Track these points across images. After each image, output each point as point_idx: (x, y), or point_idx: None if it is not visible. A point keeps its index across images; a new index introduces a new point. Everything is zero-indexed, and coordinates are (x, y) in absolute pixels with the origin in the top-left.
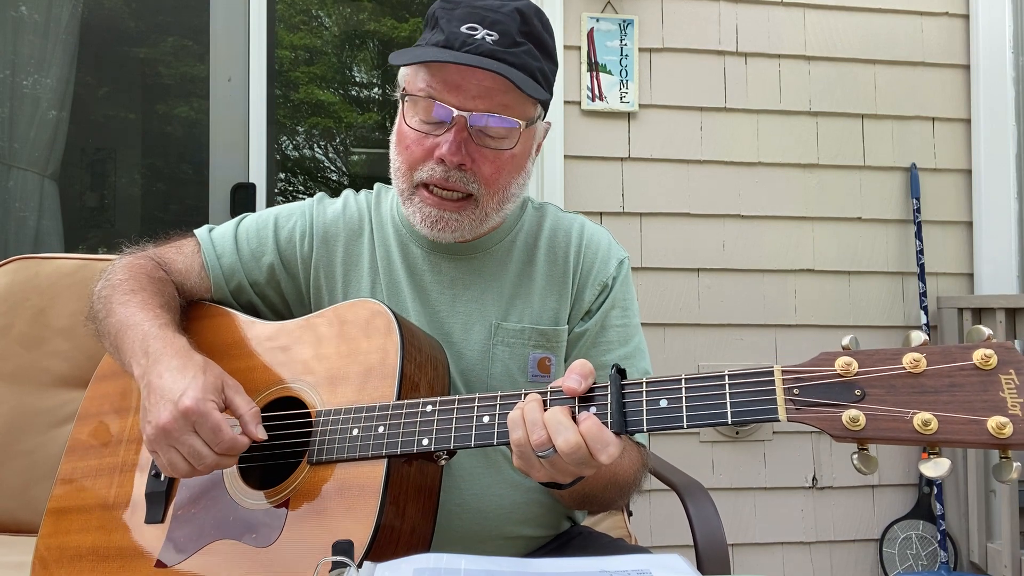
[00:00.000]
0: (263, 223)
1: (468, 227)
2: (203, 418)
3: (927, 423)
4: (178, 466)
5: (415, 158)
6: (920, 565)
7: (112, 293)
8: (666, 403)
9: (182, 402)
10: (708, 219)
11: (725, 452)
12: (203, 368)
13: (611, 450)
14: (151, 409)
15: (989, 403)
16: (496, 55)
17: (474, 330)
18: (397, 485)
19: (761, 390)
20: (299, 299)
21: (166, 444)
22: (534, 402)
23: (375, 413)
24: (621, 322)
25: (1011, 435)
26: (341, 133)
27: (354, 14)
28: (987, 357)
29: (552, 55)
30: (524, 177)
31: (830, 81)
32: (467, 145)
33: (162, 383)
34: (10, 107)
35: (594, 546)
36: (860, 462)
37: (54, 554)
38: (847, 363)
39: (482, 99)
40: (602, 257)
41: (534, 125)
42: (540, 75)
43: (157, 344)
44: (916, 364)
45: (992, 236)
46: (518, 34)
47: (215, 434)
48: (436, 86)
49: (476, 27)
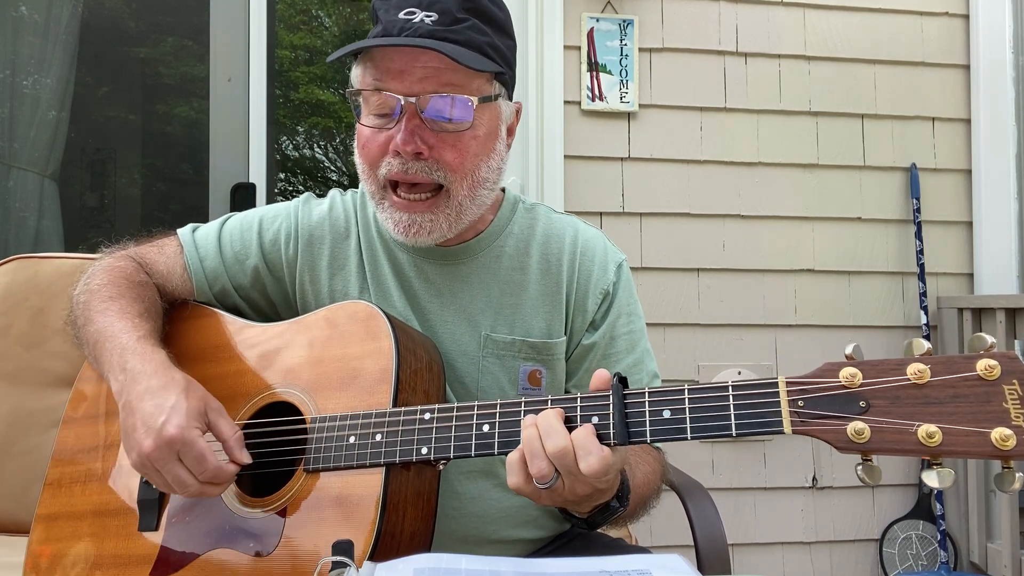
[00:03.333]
0: (247, 225)
1: (446, 225)
2: (187, 447)
3: (931, 435)
4: (170, 485)
5: (373, 155)
6: (920, 565)
7: (90, 299)
8: (669, 414)
9: (166, 431)
10: (708, 219)
11: (725, 452)
12: (184, 390)
13: (591, 460)
14: (133, 435)
15: (992, 414)
16: (435, 35)
17: (463, 340)
18: (396, 492)
19: (765, 402)
20: (285, 301)
21: (151, 470)
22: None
23: (372, 420)
24: (627, 329)
25: (1014, 447)
26: (341, 133)
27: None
28: (990, 368)
29: (505, 28)
30: (496, 161)
31: (830, 81)
32: (421, 132)
33: (143, 407)
34: (10, 107)
35: (594, 546)
36: (864, 473)
37: (46, 561)
38: (851, 374)
39: (428, 81)
40: (599, 263)
41: (493, 102)
42: (491, 49)
43: (135, 360)
44: (920, 375)
45: (992, 236)
46: (459, 11)
47: (199, 463)
48: (381, 77)
49: (414, 11)
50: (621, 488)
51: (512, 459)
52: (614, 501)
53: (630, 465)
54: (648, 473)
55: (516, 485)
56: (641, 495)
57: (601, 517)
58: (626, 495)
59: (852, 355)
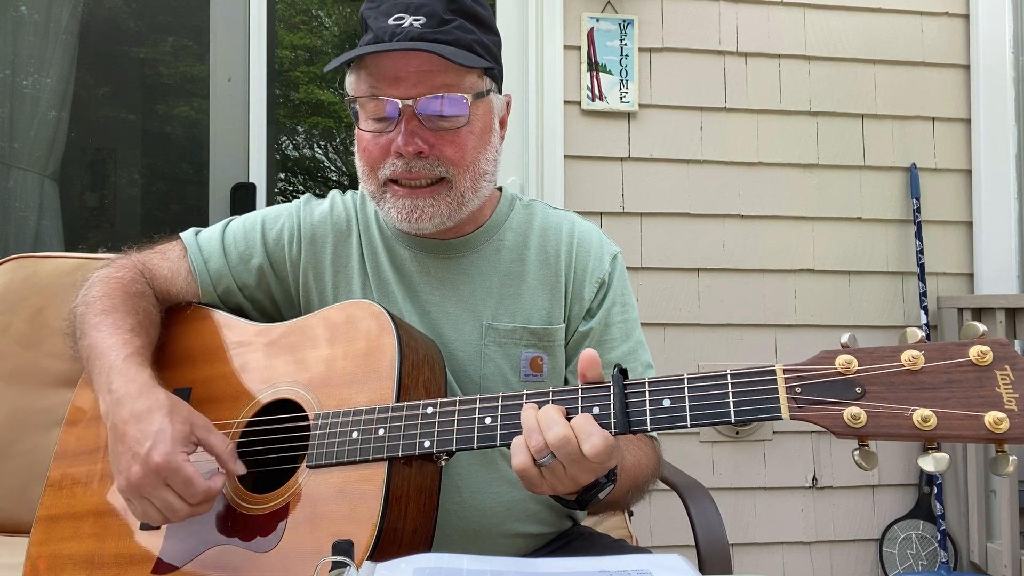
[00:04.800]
0: (250, 226)
1: (446, 211)
2: (174, 473)
3: (926, 419)
4: (152, 516)
5: (374, 158)
6: (920, 565)
7: (86, 312)
8: (669, 403)
9: (152, 458)
10: (708, 219)
11: (725, 452)
12: (169, 413)
13: (594, 440)
14: (119, 460)
15: (986, 399)
16: (426, 37)
17: (465, 330)
18: (398, 487)
19: (763, 389)
20: (288, 301)
21: (139, 497)
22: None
23: (375, 416)
24: (622, 318)
25: (1008, 430)
26: (341, 133)
27: (354, 14)
28: (983, 354)
29: (490, 26)
30: (492, 153)
31: (830, 81)
32: (421, 132)
33: (128, 431)
34: (10, 107)
35: (595, 547)
36: (861, 458)
37: (46, 562)
38: (847, 361)
39: (422, 83)
40: (595, 254)
41: (486, 97)
42: (479, 46)
43: (120, 381)
44: (915, 361)
45: (992, 236)
46: (446, 12)
47: (187, 487)
48: (377, 83)
49: (403, 16)
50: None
51: (517, 442)
52: (601, 478)
53: (619, 447)
54: (639, 456)
55: (520, 465)
56: (632, 476)
57: (590, 495)
58: (613, 470)
59: (848, 343)
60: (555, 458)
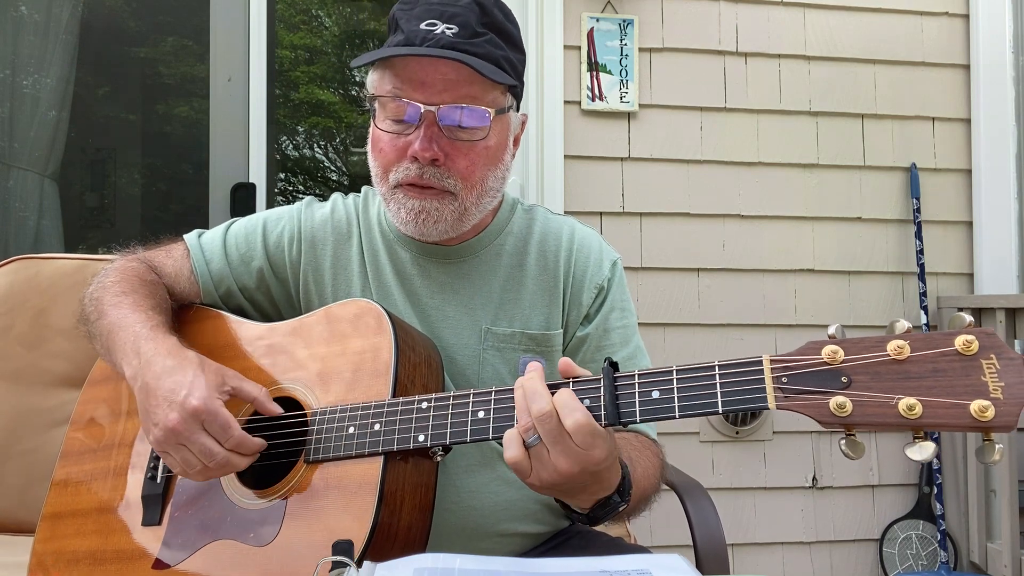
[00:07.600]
0: (252, 228)
1: (450, 220)
2: (212, 416)
3: (912, 408)
4: (191, 463)
5: (389, 159)
6: (920, 565)
7: (104, 295)
8: (658, 394)
9: (189, 402)
10: (708, 219)
11: (725, 452)
12: (200, 365)
13: (577, 415)
14: (155, 411)
15: (971, 387)
16: (457, 47)
17: (464, 334)
18: (394, 482)
19: (750, 379)
20: (289, 303)
21: (176, 444)
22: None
23: (371, 411)
24: (621, 324)
25: (993, 418)
26: (341, 133)
27: (354, 14)
28: (968, 343)
29: (518, 44)
30: (502, 171)
31: (830, 81)
32: (439, 140)
33: (160, 384)
34: (10, 107)
35: (593, 545)
36: (848, 447)
37: (51, 559)
38: (833, 351)
39: (448, 92)
40: (595, 260)
41: (505, 114)
42: (506, 63)
43: (148, 346)
44: (900, 351)
45: (992, 236)
46: (479, 25)
47: (225, 431)
48: (402, 85)
49: (435, 22)
50: (622, 483)
51: (509, 434)
52: (615, 496)
53: (631, 460)
54: (648, 468)
55: (513, 457)
56: (642, 489)
57: (602, 512)
58: (628, 490)
59: (834, 334)
60: (540, 440)
